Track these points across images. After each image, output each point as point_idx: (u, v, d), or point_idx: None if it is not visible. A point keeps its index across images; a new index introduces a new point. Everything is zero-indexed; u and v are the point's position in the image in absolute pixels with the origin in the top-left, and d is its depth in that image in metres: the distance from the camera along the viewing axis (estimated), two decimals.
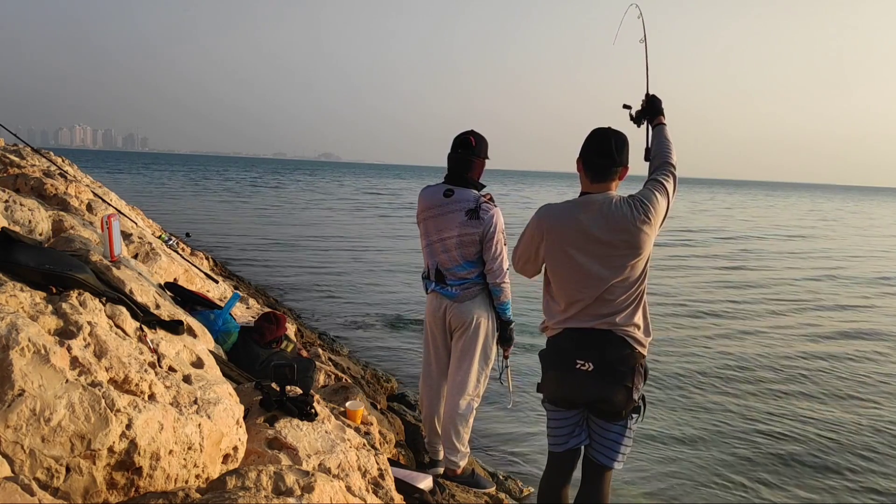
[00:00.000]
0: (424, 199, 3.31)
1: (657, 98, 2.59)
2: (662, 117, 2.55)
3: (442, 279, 3.27)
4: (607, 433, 2.35)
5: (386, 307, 8.85)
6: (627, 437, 2.35)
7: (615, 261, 2.24)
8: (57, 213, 3.89)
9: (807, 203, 59.20)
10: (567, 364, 2.28)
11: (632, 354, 2.26)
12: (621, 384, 2.24)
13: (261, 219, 21.12)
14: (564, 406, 2.40)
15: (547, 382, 2.42)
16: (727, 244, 19.24)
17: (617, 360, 2.25)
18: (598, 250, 2.24)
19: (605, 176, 2.28)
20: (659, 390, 5.86)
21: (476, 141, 3.22)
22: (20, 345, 1.61)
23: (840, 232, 26.58)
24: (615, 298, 2.26)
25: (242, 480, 1.63)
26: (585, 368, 2.24)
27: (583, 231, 2.25)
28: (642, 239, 2.22)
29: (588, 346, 2.27)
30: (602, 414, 2.34)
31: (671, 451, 4.65)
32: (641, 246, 2.23)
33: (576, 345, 2.29)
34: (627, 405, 2.28)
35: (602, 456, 2.38)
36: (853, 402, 5.83)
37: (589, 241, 2.25)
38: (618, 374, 2.24)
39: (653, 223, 2.24)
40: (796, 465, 4.54)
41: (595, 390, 2.27)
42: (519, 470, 4.23)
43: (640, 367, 2.28)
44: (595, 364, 2.23)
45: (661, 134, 2.51)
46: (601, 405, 2.32)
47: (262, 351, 3.38)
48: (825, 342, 7.96)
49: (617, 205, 2.24)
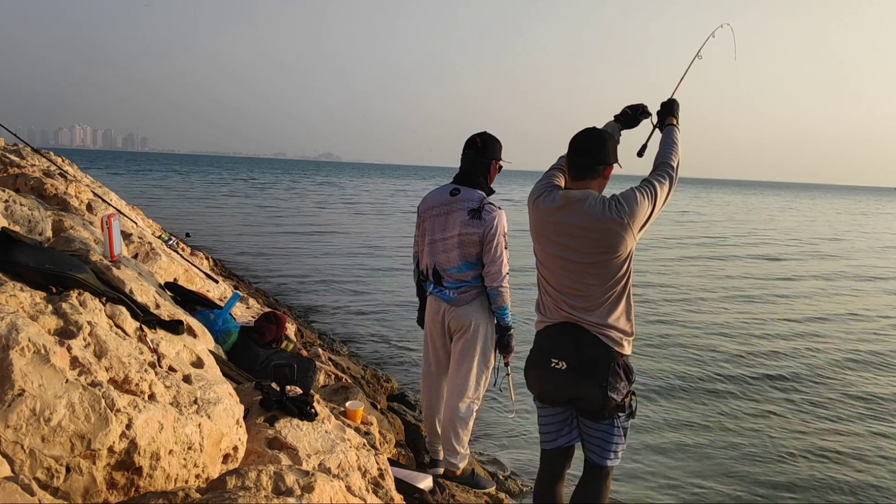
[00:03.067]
0: (431, 198, 3.31)
1: (676, 102, 2.61)
2: (675, 119, 2.55)
3: (439, 280, 3.26)
4: (594, 431, 2.36)
5: (386, 307, 8.85)
6: (617, 436, 2.34)
7: (585, 255, 2.26)
8: (57, 213, 3.89)
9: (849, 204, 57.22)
10: (543, 362, 2.35)
11: (606, 353, 2.27)
12: (594, 383, 2.25)
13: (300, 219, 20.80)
14: (549, 403, 2.45)
15: (528, 380, 2.47)
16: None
17: (589, 359, 2.27)
18: (571, 243, 2.29)
19: (584, 174, 2.33)
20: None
21: (482, 142, 3.19)
22: (20, 345, 1.61)
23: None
24: (590, 295, 2.28)
25: (242, 480, 1.63)
26: (559, 367, 2.29)
27: (556, 224, 2.33)
28: (613, 237, 2.23)
29: (563, 344, 2.32)
30: (584, 413, 2.36)
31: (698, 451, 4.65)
32: (613, 244, 2.23)
33: (552, 343, 2.35)
34: (605, 404, 2.26)
35: (592, 454, 2.39)
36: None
37: (560, 234, 2.32)
38: (589, 373, 2.26)
39: (626, 223, 2.22)
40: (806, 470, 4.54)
41: (570, 389, 2.31)
42: (519, 470, 4.23)
43: (618, 366, 2.27)
44: (567, 363, 2.28)
45: (669, 135, 2.51)
46: (578, 403, 2.34)
47: (262, 351, 3.38)
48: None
49: (591, 202, 2.27)
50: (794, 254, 17.53)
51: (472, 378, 3.25)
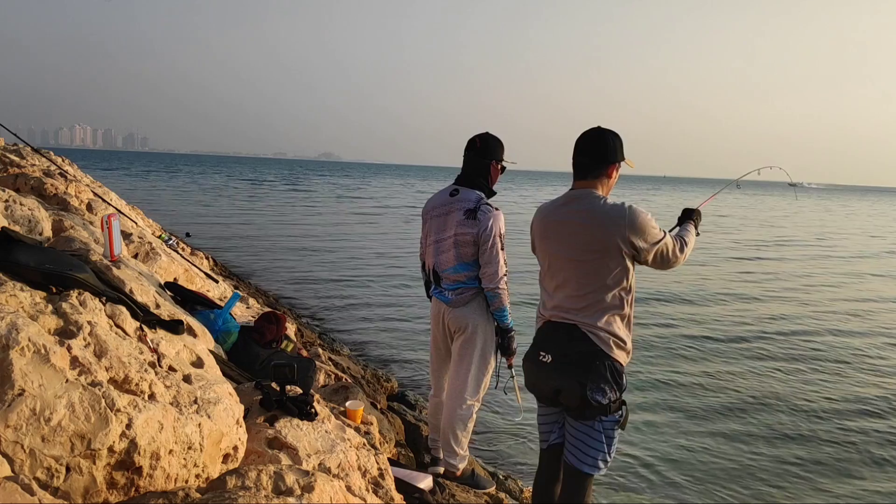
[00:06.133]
0: (433, 199, 3.31)
1: (698, 212, 2.72)
2: (691, 224, 2.63)
3: (438, 281, 3.26)
4: (576, 431, 2.32)
5: (387, 307, 8.85)
6: (598, 441, 2.28)
7: (580, 253, 2.28)
8: (57, 213, 3.89)
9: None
10: (533, 355, 2.39)
11: (593, 352, 2.24)
12: (574, 378, 2.23)
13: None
14: (543, 401, 2.46)
15: (524, 374, 2.50)
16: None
17: (574, 354, 2.26)
18: (568, 239, 2.32)
19: (586, 174, 2.36)
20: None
21: (481, 143, 3.18)
22: (20, 344, 1.61)
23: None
24: (584, 295, 2.28)
25: (242, 480, 1.63)
26: (545, 360, 2.32)
27: (556, 222, 2.37)
28: (606, 235, 2.22)
29: (553, 339, 2.34)
30: (568, 410, 2.34)
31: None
32: (605, 243, 2.22)
33: (543, 337, 2.39)
34: (584, 401, 2.22)
35: (570, 455, 2.35)
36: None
37: (559, 230, 2.35)
38: (571, 368, 2.25)
39: (624, 225, 2.21)
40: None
41: (552, 381, 2.32)
42: (519, 470, 4.23)
43: (603, 367, 2.23)
44: (553, 356, 2.31)
45: (687, 229, 2.59)
46: (561, 398, 2.31)
47: (262, 350, 3.37)
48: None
49: (592, 199, 2.30)
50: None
51: (471, 380, 3.24)
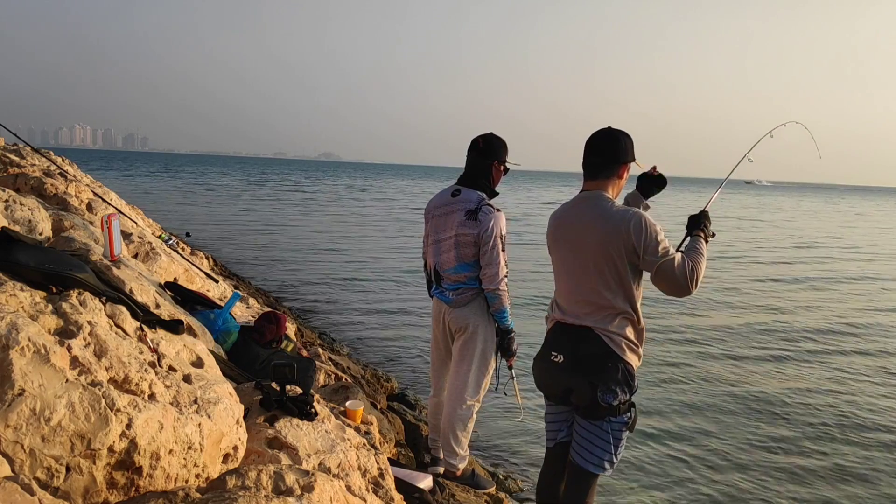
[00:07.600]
0: (435, 199, 3.31)
1: (706, 213, 2.50)
2: (701, 233, 2.43)
3: (439, 281, 3.27)
4: (583, 430, 2.34)
5: (387, 307, 8.85)
6: (605, 441, 2.29)
7: (587, 255, 2.28)
8: (57, 213, 3.89)
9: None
10: (545, 355, 2.40)
11: (605, 353, 2.25)
12: (585, 378, 2.25)
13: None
14: (552, 400, 2.47)
15: (534, 375, 2.51)
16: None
17: (587, 355, 2.27)
18: (577, 240, 2.32)
19: (597, 174, 2.37)
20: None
21: (484, 143, 3.17)
22: (20, 344, 1.61)
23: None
24: (596, 298, 2.28)
25: (242, 480, 1.63)
26: (557, 360, 2.33)
27: (567, 225, 2.38)
28: (611, 238, 2.21)
29: (565, 340, 2.35)
30: (578, 410, 2.35)
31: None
32: (612, 249, 2.22)
33: (555, 338, 2.40)
34: (595, 401, 2.23)
35: (576, 454, 2.36)
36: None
37: (569, 231, 2.36)
38: (583, 368, 2.27)
39: (629, 230, 2.19)
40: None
41: (563, 381, 2.34)
42: (519, 469, 4.23)
43: (616, 369, 2.23)
44: (565, 356, 2.32)
45: (694, 244, 2.39)
46: (572, 398, 2.33)
47: (262, 350, 3.37)
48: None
49: (602, 200, 2.30)
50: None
51: (471, 380, 3.24)
